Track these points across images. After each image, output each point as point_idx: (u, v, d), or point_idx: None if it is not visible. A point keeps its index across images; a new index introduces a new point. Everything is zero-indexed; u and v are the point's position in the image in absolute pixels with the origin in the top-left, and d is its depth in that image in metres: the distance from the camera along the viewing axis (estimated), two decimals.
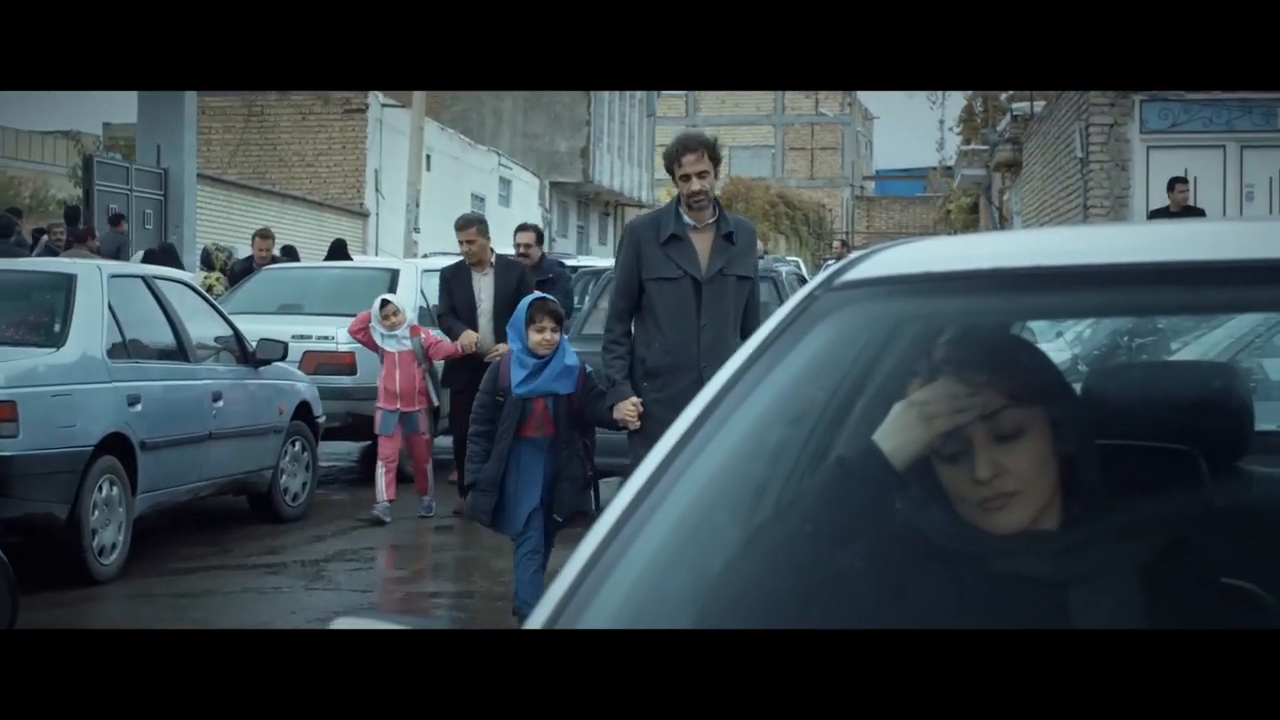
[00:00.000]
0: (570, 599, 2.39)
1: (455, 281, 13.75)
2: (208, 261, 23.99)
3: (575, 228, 61.67)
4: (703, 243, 8.49)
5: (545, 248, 20.85)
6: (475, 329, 13.45)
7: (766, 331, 2.73)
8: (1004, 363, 2.67)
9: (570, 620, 2.35)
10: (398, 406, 13.44)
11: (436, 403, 13.87)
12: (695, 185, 8.39)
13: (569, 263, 22.54)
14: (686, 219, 8.48)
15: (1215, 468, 2.74)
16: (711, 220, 8.53)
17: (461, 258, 13.86)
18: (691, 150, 8.43)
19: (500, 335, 12.87)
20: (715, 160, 8.53)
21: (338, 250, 23.09)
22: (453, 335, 13.52)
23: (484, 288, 13.61)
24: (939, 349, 2.65)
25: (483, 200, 47.64)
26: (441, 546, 12.62)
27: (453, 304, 13.64)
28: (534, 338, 8.86)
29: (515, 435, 8.89)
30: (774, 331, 2.72)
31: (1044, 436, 2.58)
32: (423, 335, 13.70)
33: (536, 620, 2.37)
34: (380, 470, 13.47)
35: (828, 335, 2.74)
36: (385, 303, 13.58)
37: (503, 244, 15.88)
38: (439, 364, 13.81)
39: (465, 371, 13.10)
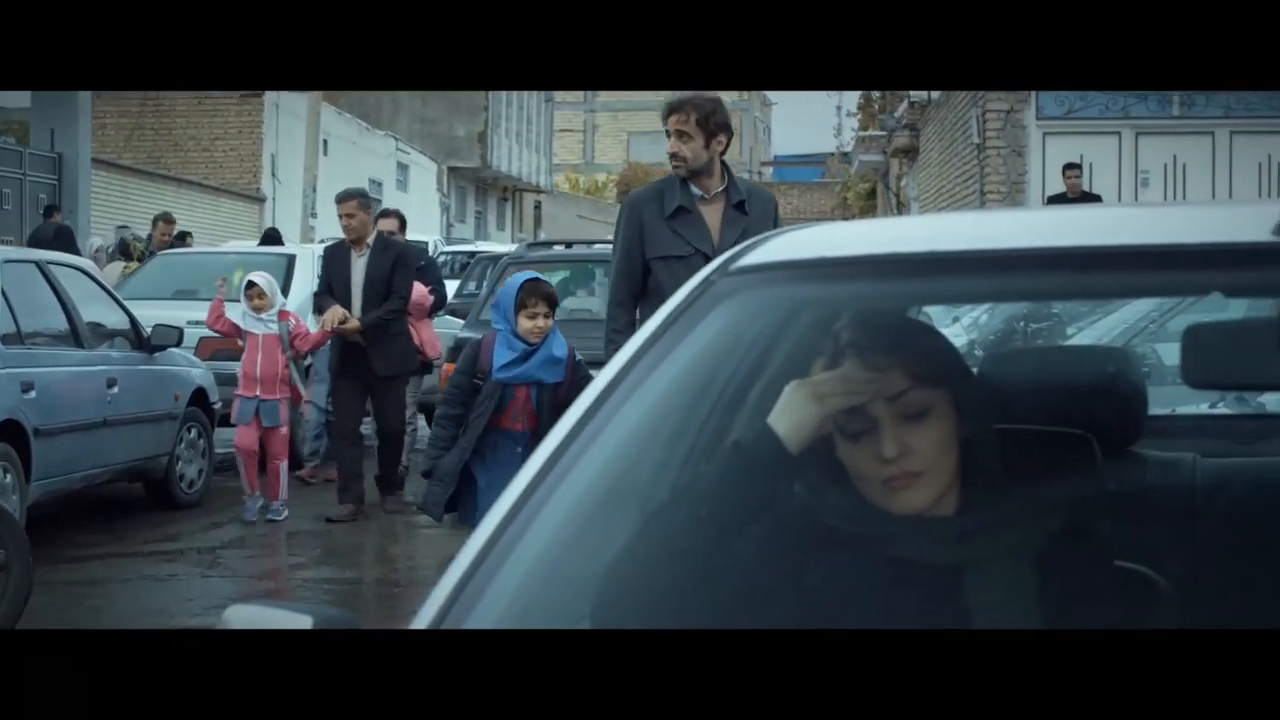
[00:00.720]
0: (459, 594, 2.33)
1: (334, 261, 12.99)
2: (125, 251, 23.65)
3: (474, 213, 61.53)
4: (713, 215, 7.65)
5: (443, 234, 20.70)
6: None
7: (662, 316, 2.72)
8: (908, 345, 2.68)
9: (457, 618, 2.30)
10: (256, 393, 12.51)
11: (306, 396, 13.28)
12: (670, 146, 7.68)
13: (467, 248, 22.46)
14: (694, 189, 7.65)
15: (1109, 452, 2.77)
16: (720, 189, 7.69)
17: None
18: (677, 110, 7.65)
19: None
20: (709, 126, 7.63)
21: (270, 239, 22.60)
22: (322, 313, 12.76)
23: (358, 269, 12.78)
24: (843, 332, 2.65)
25: (380, 185, 47.40)
26: (337, 533, 12.51)
27: (329, 283, 12.88)
28: (524, 324, 8.08)
29: (492, 426, 8.13)
30: (669, 316, 2.71)
31: (948, 418, 2.59)
32: (291, 321, 12.79)
33: (423, 619, 2.31)
34: (240, 466, 12.74)
35: (723, 320, 2.73)
36: (251, 284, 12.67)
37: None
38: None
39: (344, 354, 12.73)
